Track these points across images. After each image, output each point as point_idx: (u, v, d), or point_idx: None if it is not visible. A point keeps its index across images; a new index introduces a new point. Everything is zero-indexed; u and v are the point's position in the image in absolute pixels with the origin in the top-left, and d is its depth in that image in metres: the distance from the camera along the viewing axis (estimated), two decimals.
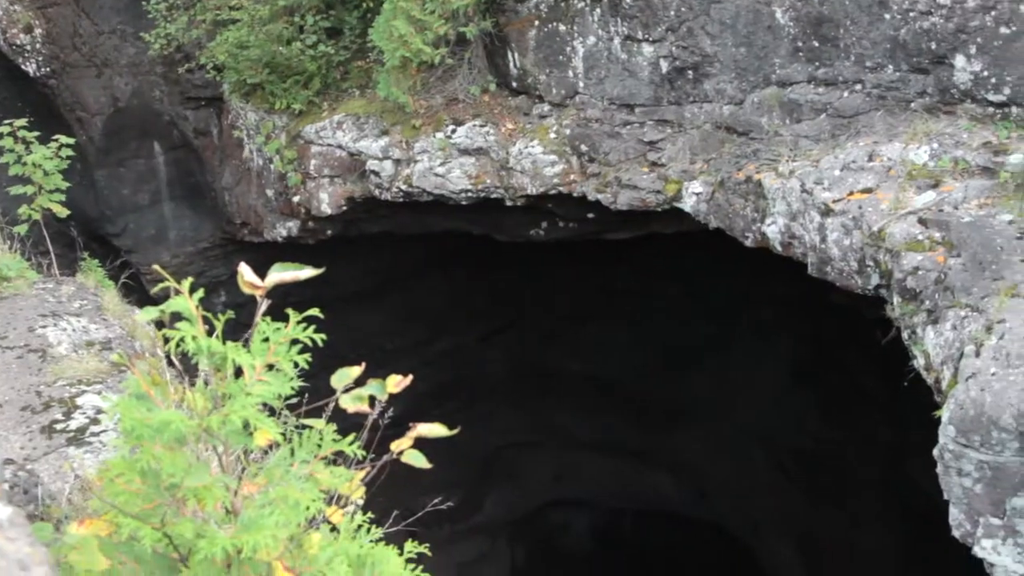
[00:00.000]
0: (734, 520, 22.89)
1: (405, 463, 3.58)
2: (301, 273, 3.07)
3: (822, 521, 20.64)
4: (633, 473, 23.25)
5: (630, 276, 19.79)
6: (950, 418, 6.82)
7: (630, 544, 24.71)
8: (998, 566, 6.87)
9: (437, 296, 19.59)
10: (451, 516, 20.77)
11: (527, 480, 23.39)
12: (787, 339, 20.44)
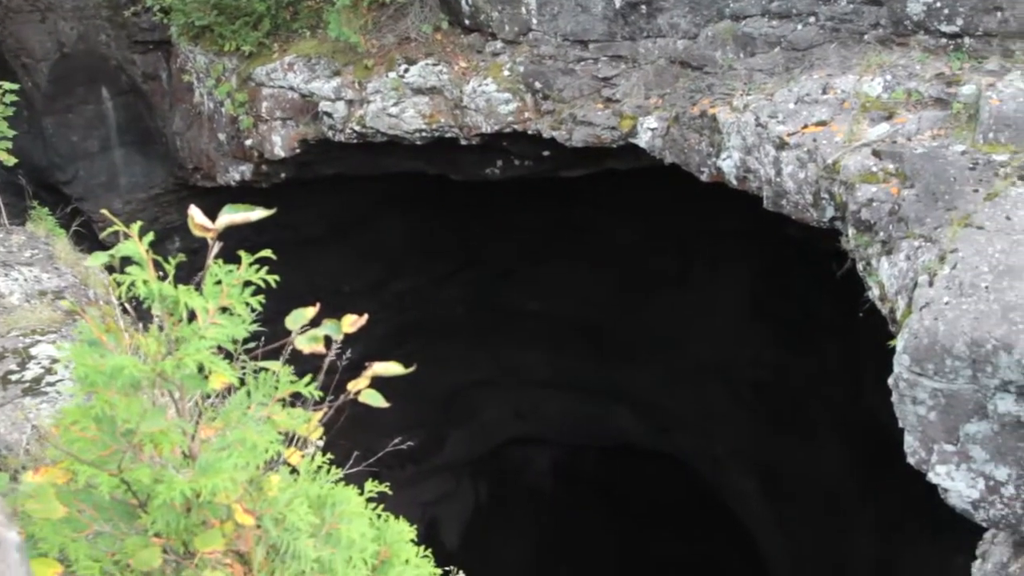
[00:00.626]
0: (694, 453, 23.13)
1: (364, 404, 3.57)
2: (252, 214, 3.03)
3: (781, 451, 20.90)
4: (593, 409, 23.41)
5: (587, 213, 19.80)
6: (904, 347, 6.88)
7: (591, 480, 24.96)
8: (952, 491, 6.98)
9: (394, 237, 19.52)
10: (413, 456, 20.88)
11: (488, 419, 23.51)
12: (743, 273, 20.56)
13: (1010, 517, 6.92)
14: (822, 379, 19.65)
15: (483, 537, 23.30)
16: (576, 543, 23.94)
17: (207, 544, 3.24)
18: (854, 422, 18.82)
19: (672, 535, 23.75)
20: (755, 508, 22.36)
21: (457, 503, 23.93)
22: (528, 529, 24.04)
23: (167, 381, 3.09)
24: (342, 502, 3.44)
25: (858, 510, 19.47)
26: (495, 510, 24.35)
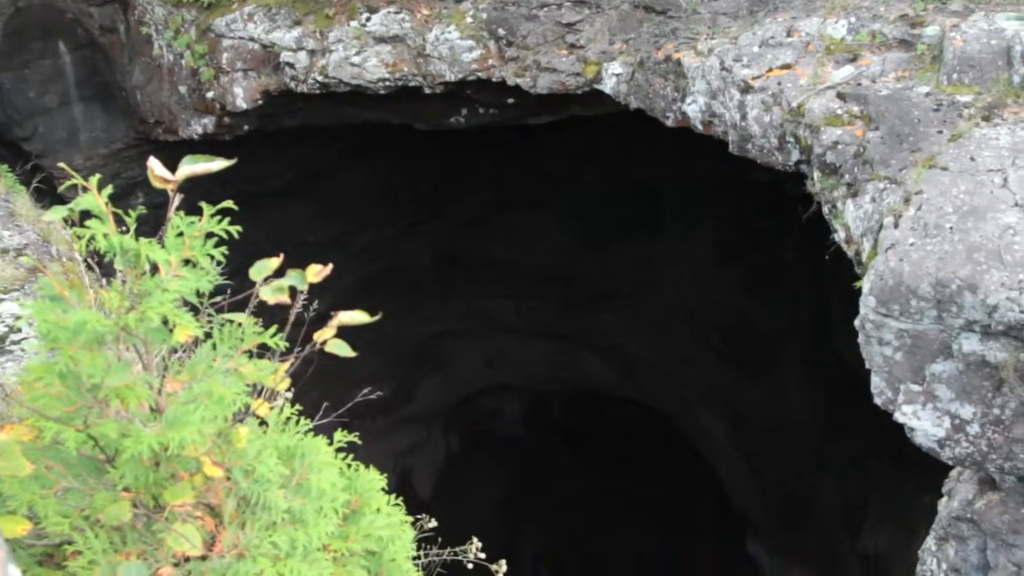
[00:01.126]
0: (662, 397, 23.28)
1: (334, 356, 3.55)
2: (213, 164, 2.99)
3: (749, 395, 21.07)
4: (562, 356, 23.50)
5: (553, 161, 19.74)
6: (870, 289, 6.92)
7: (561, 425, 25.10)
8: (918, 430, 7.05)
9: (359, 188, 19.40)
10: (384, 407, 20.90)
11: (458, 368, 23.55)
12: (710, 218, 20.61)
13: (975, 455, 7.00)
14: (789, 322, 19.78)
15: (455, 485, 23.43)
16: (547, 488, 24.12)
17: (177, 497, 3.23)
18: (822, 364, 18.98)
19: (641, 478, 23.96)
20: (723, 451, 22.57)
21: (429, 452, 24.03)
22: (499, 476, 24.20)
23: (131, 335, 3.06)
24: (312, 453, 3.43)
25: (826, 451, 19.69)
26: (466, 458, 24.48)
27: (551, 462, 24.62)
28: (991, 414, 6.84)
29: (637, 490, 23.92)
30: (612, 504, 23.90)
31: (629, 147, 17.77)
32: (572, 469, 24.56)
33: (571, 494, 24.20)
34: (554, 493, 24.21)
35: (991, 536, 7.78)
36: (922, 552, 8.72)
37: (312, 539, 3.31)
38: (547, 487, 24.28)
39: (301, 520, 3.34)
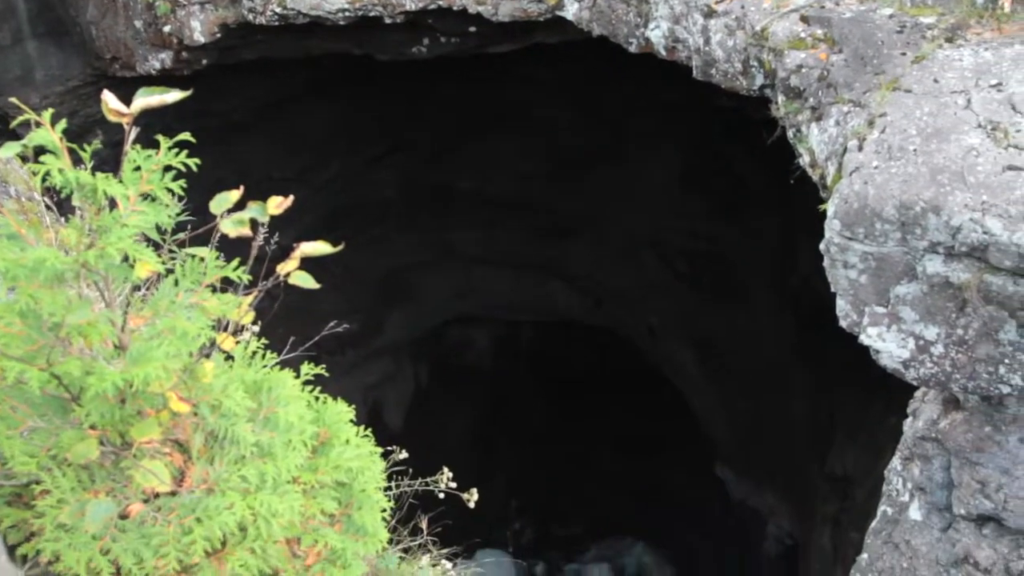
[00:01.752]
0: (630, 325, 23.38)
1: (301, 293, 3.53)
2: (168, 96, 2.93)
3: (717, 321, 21.19)
4: (529, 286, 23.53)
5: (517, 90, 19.60)
6: (835, 212, 6.93)
7: (530, 355, 25.20)
8: (883, 352, 7.11)
9: (322, 122, 19.22)
10: (353, 341, 20.91)
11: (426, 300, 23.54)
12: (675, 145, 20.56)
13: (939, 375, 7.07)
14: (756, 248, 19.85)
15: (425, 417, 23.53)
16: (517, 418, 24.28)
17: (143, 434, 3.21)
18: (788, 289, 19.09)
19: (611, 406, 24.14)
20: (691, 376, 22.74)
21: (399, 385, 24.08)
22: (469, 407, 24.33)
23: (91, 272, 3.02)
24: (278, 386, 3.41)
25: (793, 375, 19.86)
26: (436, 390, 24.56)
27: (521, 392, 24.75)
28: (955, 334, 6.90)
29: (606, 417, 24.11)
30: (582, 432, 24.10)
31: (594, 75, 17.66)
32: (542, 398, 24.71)
33: (541, 423, 24.37)
34: (524, 422, 24.37)
35: (955, 455, 7.88)
36: (888, 472, 8.84)
37: (281, 472, 3.31)
38: (517, 416, 24.43)
39: (270, 453, 3.33)
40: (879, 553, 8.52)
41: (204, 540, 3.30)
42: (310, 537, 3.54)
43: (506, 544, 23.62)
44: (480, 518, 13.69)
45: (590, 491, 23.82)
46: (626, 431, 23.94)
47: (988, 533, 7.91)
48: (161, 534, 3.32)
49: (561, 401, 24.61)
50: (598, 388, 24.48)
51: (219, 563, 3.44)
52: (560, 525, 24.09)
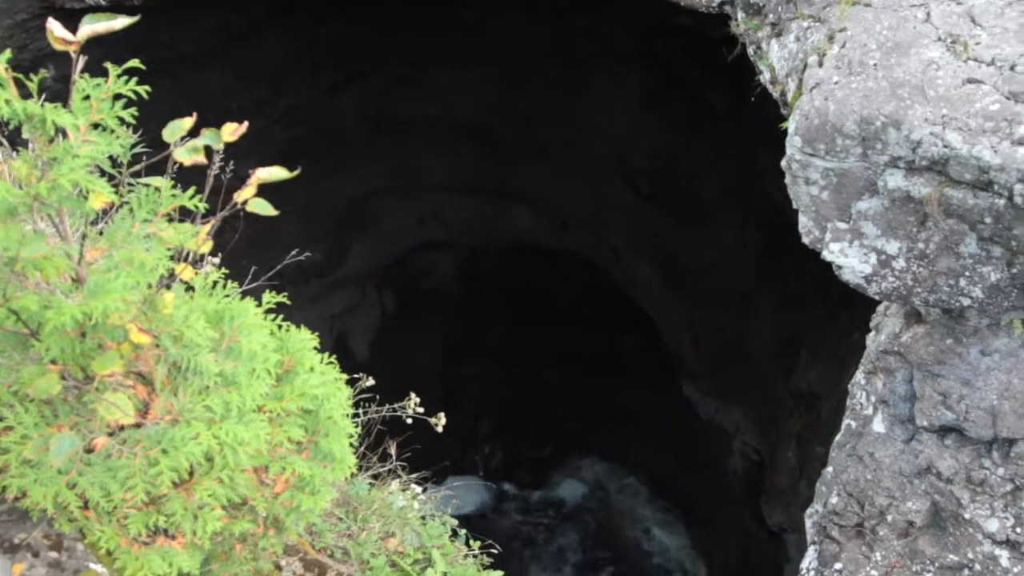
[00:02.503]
0: (594, 247, 23.39)
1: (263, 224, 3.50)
2: (115, 22, 2.86)
3: (681, 241, 21.22)
4: (493, 211, 23.46)
5: (476, 14, 19.37)
6: (796, 129, 6.92)
7: (495, 280, 25.19)
8: (845, 268, 7.15)
9: (278, 51, 18.93)
10: (317, 271, 20.84)
11: (389, 227, 23.43)
12: (636, 66, 20.42)
13: (901, 289, 7.12)
14: (719, 167, 19.83)
15: (392, 344, 23.53)
16: (483, 342, 24.33)
17: (105, 367, 3.19)
18: (751, 208, 19.12)
19: (576, 328, 24.23)
20: (657, 296, 22.83)
21: (364, 314, 24.04)
22: (436, 333, 24.34)
23: (44, 205, 2.97)
24: (240, 315, 3.39)
25: (757, 294, 19.97)
26: (402, 317, 24.54)
27: (487, 317, 24.77)
28: (916, 248, 6.94)
29: (573, 340, 24.20)
30: (548, 354, 24.20)
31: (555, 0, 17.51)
32: (508, 322, 24.75)
33: (508, 347, 24.43)
34: (491, 346, 24.43)
35: (917, 367, 7.97)
36: (851, 386, 8.93)
37: (246, 401, 3.30)
38: (484, 341, 24.48)
39: (234, 383, 3.32)
40: (843, 466, 8.64)
41: (171, 471, 3.30)
42: (277, 465, 3.54)
43: (476, 468, 23.82)
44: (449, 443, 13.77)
45: (558, 413, 23.99)
46: (593, 353, 24.05)
47: (950, 444, 8.03)
48: (127, 466, 3.31)
49: (527, 325, 24.67)
50: (564, 311, 24.54)
51: (187, 493, 3.45)
52: (529, 447, 24.29)
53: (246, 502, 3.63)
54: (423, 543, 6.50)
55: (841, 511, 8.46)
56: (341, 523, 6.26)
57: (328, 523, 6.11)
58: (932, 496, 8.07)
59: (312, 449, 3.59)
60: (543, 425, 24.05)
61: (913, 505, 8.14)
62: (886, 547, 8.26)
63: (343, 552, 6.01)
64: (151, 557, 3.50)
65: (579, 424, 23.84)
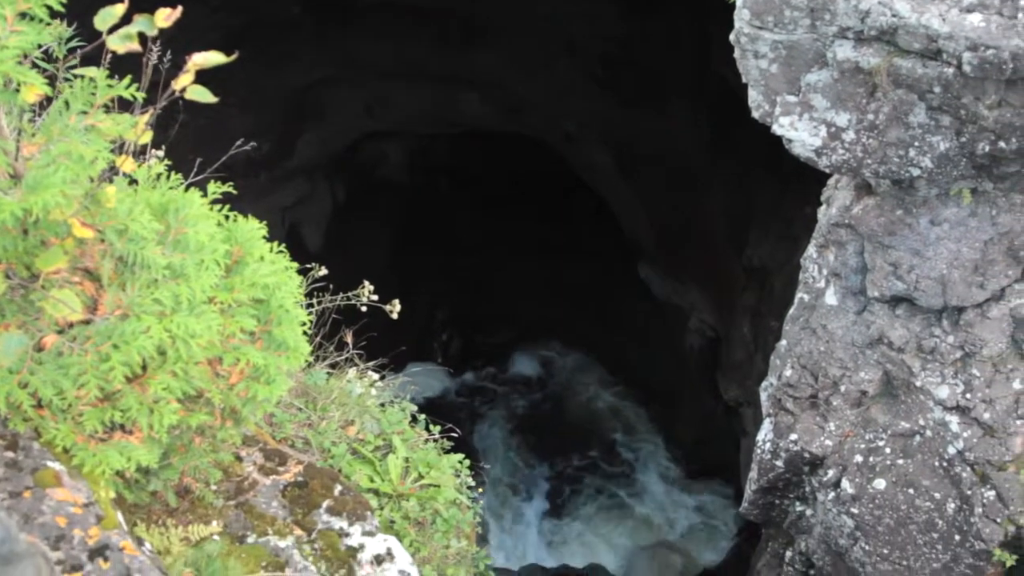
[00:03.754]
0: (547, 132, 23.25)
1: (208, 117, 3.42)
2: None
3: (633, 123, 21.12)
4: (443, 98, 23.18)
5: None
6: (744, 1, 6.85)
7: (447, 168, 25.05)
8: (796, 141, 7.15)
9: None
10: (265, 163, 20.60)
11: (337, 117, 23.11)
12: None
13: (851, 161, 7.13)
14: (670, 49, 19.65)
15: (345, 235, 23.42)
16: (437, 230, 24.28)
17: (49, 263, 3.13)
18: (703, 86, 19.02)
19: (531, 213, 24.21)
20: (612, 180, 22.80)
21: (316, 205, 23.86)
22: (389, 223, 24.24)
23: None
24: (186, 207, 3.33)
25: (710, 173, 20.00)
26: (354, 208, 24.38)
27: (440, 205, 24.68)
28: (865, 120, 6.94)
29: (528, 225, 24.19)
30: (504, 240, 24.20)
31: None
32: (462, 209, 24.68)
33: (462, 234, 24.40)
34: (445, 234, 24.38)
35: (868, 239, 8.04)
36: (804, 260, 9.00)
37: (196, 293, 3.27)
38: (438, 229, 24.42)
39: (182, 275, 3.28)
40: (797, 339, 8.75)
41: (123, 366, 3.27)
42: (231, 356, 3.52)
43: (435, 356, 23.95)
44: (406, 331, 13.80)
45: (515, 299, 24.08)
46: (548, 238, 24.08)
47: (901, 313, 8.14)
48: (79, 363, 3.28)
49: (481, 211, 24.61)
50: (518, 196, 24.47)
51: (141, 388, 3.42)
52: (487, 334, 24.42)
53: (202, 394, 3.61)
54: (383, 430, 6.55)
55: (795, 383, 8.59)
56: (301, 413, 6.28)
57: (288, 414, 6.13)
58: (884, 366, 8.20)
59: (265, 339, 3.57)
60: (501, 310, 24.15)
61: (865, 375, 8.28)
62: (840, 417, 8.42)
63: (304, 442, 6.04)
64: (109, 453, 3.49)
65: (536, 309, 23.96)
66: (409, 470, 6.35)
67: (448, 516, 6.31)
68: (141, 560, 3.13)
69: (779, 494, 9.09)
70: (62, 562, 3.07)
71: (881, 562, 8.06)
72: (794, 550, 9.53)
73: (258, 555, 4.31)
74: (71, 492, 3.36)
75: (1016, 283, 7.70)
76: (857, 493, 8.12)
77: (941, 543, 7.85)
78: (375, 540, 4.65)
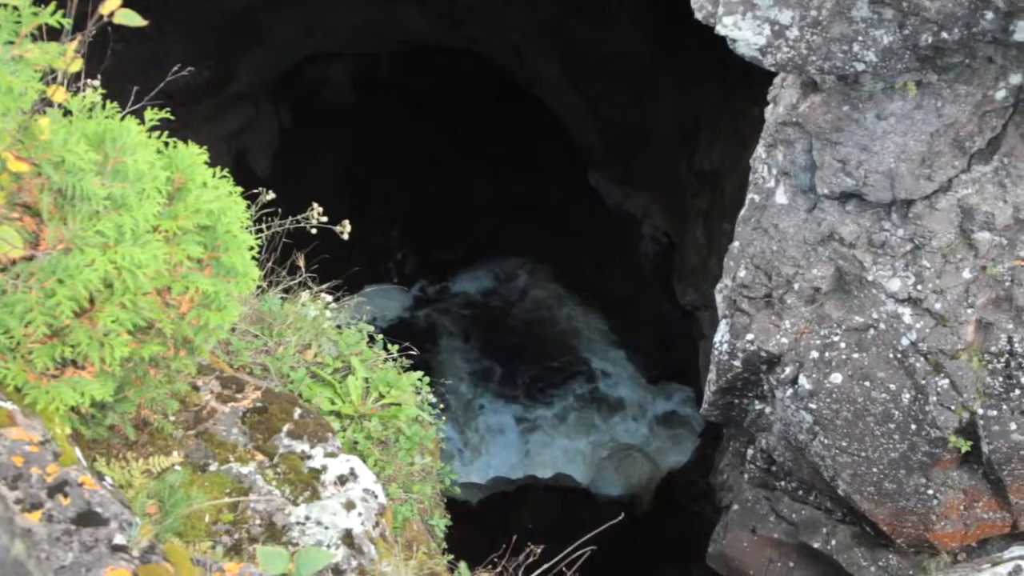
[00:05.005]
0: (492, 44, 22.99)
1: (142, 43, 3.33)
2: None
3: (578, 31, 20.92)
4: (383, 14, 22.81)
5: None
6: None
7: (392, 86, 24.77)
8: (740, 41, 7.11)
9: None
10: (207, 89, 20.28)
11: (278, 40, 22.71)
12: None
13: (796, 59, 7.11)
14: None
15: (293, 159, 23.17)
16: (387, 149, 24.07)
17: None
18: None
19: (480, 127, 24.04)
20: (560, 90, 22.65)
21: (261, 130, 23.55)
22: (337, 145, 23.99)
23: None
24: (123, 135, 3.26)
25: (657, 79, 19.92)
26: (301, 131, 24.10)
27: (388, 123, 24.43)
28: (809, 16, 6.91)
29: (478, 140, 24.03)
30: (454, 156, 24.05)
31: None
32: (410, 127, 24.46)
33: (412, 152, 24.21)
34: (395, 153, 24.18)
35: (816, 136, 8.05)
36: (753, 161, 9.01)
37: (139, 222, 3.21)
38: (387, 148, 24.20)
39: (124, 205, 3.21)
40: (749, 239, 8.79)
41: (70, 301, 3.22)
42: (180, 284, 3.48)
43: (391, 275, 23.89)
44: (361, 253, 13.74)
45: (468, 214, 23.99)
46: (498, 151, 23.94)
47: (851, 209, 8.18)
48: (24, 301, 3.22)
49: (431, 128, 24.39)
50: (466, 111, 24.26)
51: (90, 322, 3.38)
52: (442, 250, 24.35)
53: (152, 325, 3.57)
54: (341, 352, 6.53)
55: (749, 283, 8.64)
56: (257, 340, 6.25)
57: (244, 341, 6.10)
58: (836, 262, 8.26)
59: (214, 265, 3.52)
60: (454, 227, 24.07)
61: (818, 272, 8.34)
62: (794, 314, 8.49)
63: (262, 368, 6.02)
64: (61, 389, 3.45)
65: (490, 223, 23.90)
66: (369, 390, 6.35)
67: (411, 434, 6.33)
68: (102, 494, 3.11)
69: (738, 394, 9.20)
70: (21, 501, 3.04)
71: (840, 455, 8.19)
72: (755, 448, 9.68)
73: (221, 482, 4.30)
74: (26, 431, 3.32)
75: (963, 173, 7.76)
76: (814, 389, 8.22)
77: (898, 433, 7.99)
78: (338, 461, 4.66)
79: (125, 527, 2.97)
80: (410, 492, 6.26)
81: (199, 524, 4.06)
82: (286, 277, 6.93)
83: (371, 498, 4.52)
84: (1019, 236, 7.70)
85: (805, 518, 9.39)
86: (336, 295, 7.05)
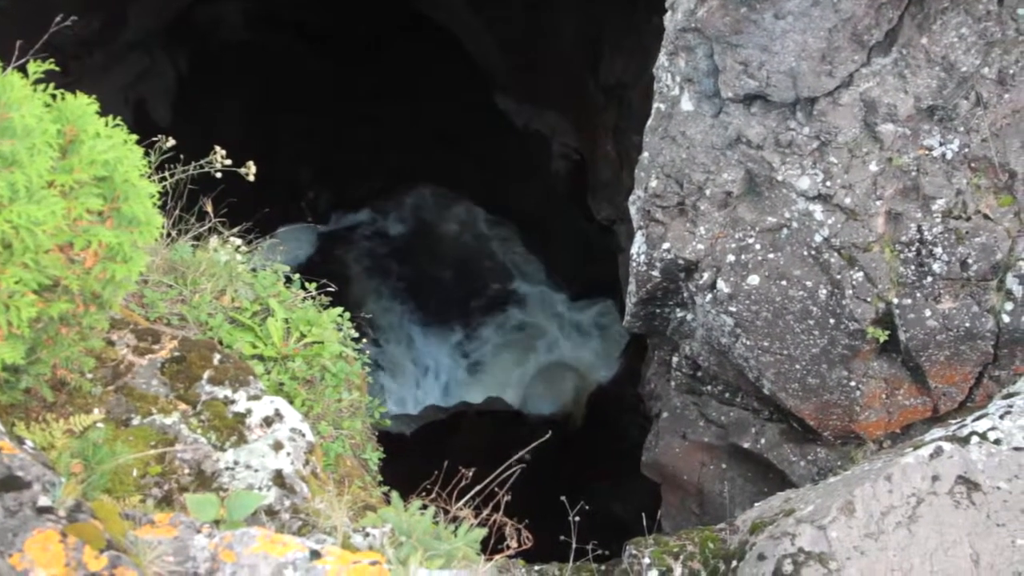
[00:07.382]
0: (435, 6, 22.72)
1: None
2: None
3: None
4: None
5: None
6: None
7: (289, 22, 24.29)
8: None
9: None
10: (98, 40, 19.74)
11: None
12: None
13: None
14: None
15: (194, 105, 22.68)
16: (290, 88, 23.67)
17: None
18: None
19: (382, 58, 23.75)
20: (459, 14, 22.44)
21: (158, 78, 22.98)
22: (238, 87, 23.52)
23: None
24: (6, 91, 3.15)
25: None
26: (200, 76, 23.57)
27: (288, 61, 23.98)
28: None
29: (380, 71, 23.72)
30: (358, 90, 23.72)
31: None
32: (311, 63, 24.05)
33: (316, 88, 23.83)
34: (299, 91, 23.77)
35: (716, 40, 8.06)
36: (656, 70, 9.01)
37: (32, 179, 3.12)
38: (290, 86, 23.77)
39: (15, 162, 3.12)
40: (658, 149, 8.82)
41: None
42: (82, 239, 3.40)
43: (304, 215, 23.63)
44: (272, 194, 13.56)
45: (378, 146, 23.73)
46: (403, 81, 23.66)
47: (756, 111, 8.24)
48: None
49: (333, 63, 23.98)
50: (366, 43, 23.89)
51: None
52: (354, 186, 24.10)
53: (58, 283, 3.49)
54: (258, 295, 6.46)
55: (661, 193, 8.69)
56: (172, 290, 6.15)
57: (158, 292, 6.00)
58: (745, 164, 8.33)
59: (115, 216, 3.44)
60: (365, 161, 23.81)
61: (728, 176, 8.40)
62: (708, 220, 8.56)
63: (179, 318, 5.93)
64: None
65: (400, 155, 23.68)
66: (290, 331, 6.29)
67: (336, 370, 6.30)
68: (22, 458, 3.05)
69: (659, 303, 9.29)
70: None
71: (763, 354, 8.32)
72: (680, 355, 9.80)
73: (145, 435, 4.25)
74: None
75: (863, 67, 7.83)
76: (733, 292, 8.32)
77: (817, 329, 8.13)
78: (262, 403, 4.63)
79: (49, 488, 2.92)
80: (340, 428, 6.25)
81: (127, 479, 4.02)
82: (195, 224, 6.81)
83: (299, 437, 4.50)
84: (922, 126, 7.82)
85: (733, 420, 9.55)
86: (248, 238, 6.95)
